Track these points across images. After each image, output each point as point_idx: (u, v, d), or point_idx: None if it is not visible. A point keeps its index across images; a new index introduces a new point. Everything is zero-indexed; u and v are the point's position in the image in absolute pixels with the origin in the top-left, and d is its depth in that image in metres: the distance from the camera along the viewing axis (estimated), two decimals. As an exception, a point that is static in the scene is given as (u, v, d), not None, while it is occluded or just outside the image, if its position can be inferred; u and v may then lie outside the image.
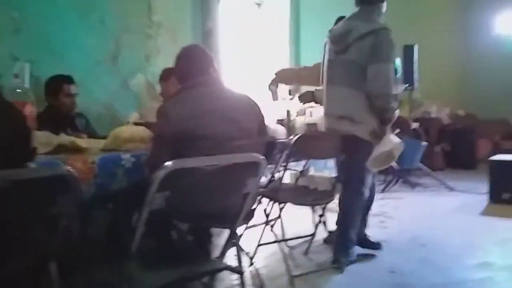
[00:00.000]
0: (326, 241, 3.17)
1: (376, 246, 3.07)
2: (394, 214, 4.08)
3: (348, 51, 2.64)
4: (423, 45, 5.94)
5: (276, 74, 3.60)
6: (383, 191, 4.97)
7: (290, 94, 3.60)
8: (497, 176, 4.49)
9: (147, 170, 2.06)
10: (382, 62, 2.56)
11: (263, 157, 1.76)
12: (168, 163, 1.31)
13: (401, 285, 2.55)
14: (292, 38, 5.30)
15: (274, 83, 3.50)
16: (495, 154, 7.38)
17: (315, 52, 5.06)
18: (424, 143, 5.38)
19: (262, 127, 2.37)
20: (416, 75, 5.46)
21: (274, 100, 3.51)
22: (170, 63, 2.33)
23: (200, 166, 1.51)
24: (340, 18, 3.29)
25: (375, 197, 3.22)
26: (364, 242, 3.02)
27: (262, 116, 2.39)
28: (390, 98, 2.59)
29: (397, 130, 2.93)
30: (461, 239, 3.34)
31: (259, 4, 5.55)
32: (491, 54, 7.62)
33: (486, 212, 4.20)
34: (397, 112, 2.71)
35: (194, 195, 1.55)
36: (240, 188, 1.59)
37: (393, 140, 2.61)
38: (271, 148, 2.43)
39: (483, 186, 4.61)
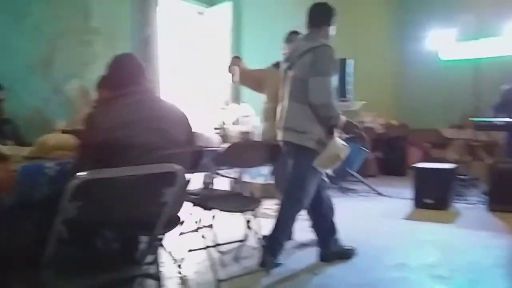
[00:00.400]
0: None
1: (352, 251, 3.21)
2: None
3: (292, 68, 2.88)
4: (360, 59, 6.26)
5: (235, 57, 3.80)
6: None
7: (226, 105, 3.71)
8: (420, 183, 4.82)
9: (72, 178, 2.08)
10: (320, 75, 2.75)
11: (182, 166, 1.85)
12: (81, 174, 1.36)
13: (320, 286, 2.72)
14: (234, 47, 5.40)
15: (234, 64, 3.66)
16: (425, 161, 7.87)
17: (256, 61, 5.23)
18: (366, 150, 5.71)
19: (190, 137, 2.45)
20: (350, 87, 5.74)
21: (234, 81, 3.71)
22: (107, 70, 2.36)
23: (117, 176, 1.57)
24: (292, 33, 3.47)
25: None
26: (344, 253, 3.16)
27: (190, 127, 2.47)
28: (331, 107, 2.77)
29: (345, 136, 3.15)
30: (382, 242, 3.57)
31: (201, 13, 5.64)
32: (422, 68, 8.14)
33: (409, 216, 4.49)
34: (343, 118, 2.88)
35: (111, 203, 1.61)
36: (158, 197, 1.66)
37: (338, 143, 2.81)
38: (198, 157, 2.51)
39: (410, 192, 4.92)
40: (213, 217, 3.32)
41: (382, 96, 8.09)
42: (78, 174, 1.37)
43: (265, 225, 3.09)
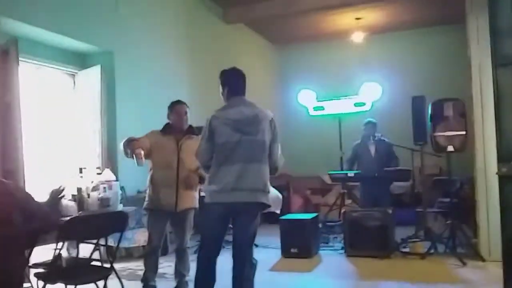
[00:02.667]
0: None
1: None
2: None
3: (260, 133, 3.03)
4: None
5: (132, 140, 3.53)
6: (196, 252, 5.27)
7: (80, 172, 3.75)
8: (286, 233, 5.17)
9: None
10: (278, 142, 3.15)
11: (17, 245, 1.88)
12: None
13: None
14: (107, 110, 5.44)
15: (137, 147, 3.45)
16: (307, 208, 8.35)
17: (130, 124, 5.34)
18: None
19: (26, 214, 2.49)
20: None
21: (141, 164, 3.46)
22: None
23: None
24: (178, 102, 3.73)
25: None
26: None
27: (25, 203, 2.51)
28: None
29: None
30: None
31: (73, 75, 5.67)
32: (298, 122, 8.88)
33: (274, 267, 4.77)
34: None
35: None
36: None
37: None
38: (36, 234, 2.53)
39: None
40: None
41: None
42: None
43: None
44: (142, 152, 3.47)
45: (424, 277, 4.24)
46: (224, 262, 3.09)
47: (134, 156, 3.46)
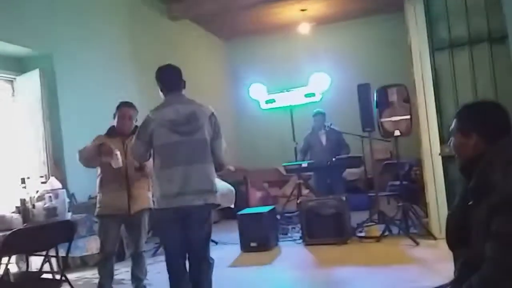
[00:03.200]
0: None
1: None
2: (155, 278, 4.26)
3: (199, 131, 2.90)
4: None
5: (104, 144, 3.38)
6: (153, 255, 5.19)
7: (23, 182, 3.58)
8: (245, 228, 5.16)
9: None
10: (222, 137, 3.03)
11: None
12: None
13: None
14: (51, 115, 5.22)
15: (112, 150, 3.31)
16: (265, 201, 8.36)
17: (76, 128, 5.16)
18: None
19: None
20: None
21: (119, 165, 3.34)
22: None
23: None
24: (127, 104, 3.54)
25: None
26: None
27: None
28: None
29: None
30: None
31: (11, 81, 5.39)
32: (252, 116, 8.88)
33: (234, 263, 4.75)
34: None
35: None
36: None
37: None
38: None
39: (241, 237, 5.20)
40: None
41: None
42: None
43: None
44: (119, 152, 3.36)
45: (379, 260, 4.35)
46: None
47: (112, 157, 3.31)
